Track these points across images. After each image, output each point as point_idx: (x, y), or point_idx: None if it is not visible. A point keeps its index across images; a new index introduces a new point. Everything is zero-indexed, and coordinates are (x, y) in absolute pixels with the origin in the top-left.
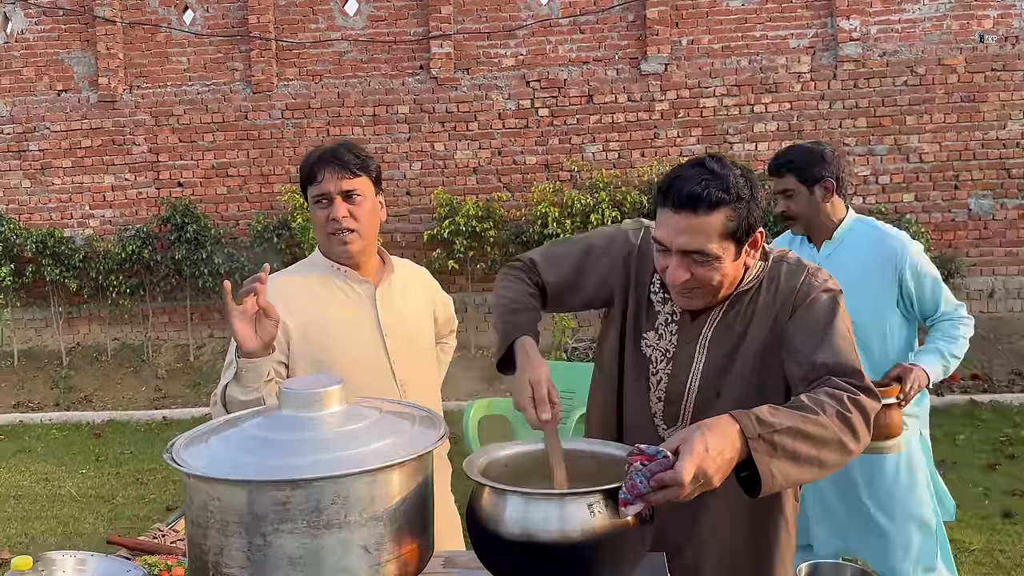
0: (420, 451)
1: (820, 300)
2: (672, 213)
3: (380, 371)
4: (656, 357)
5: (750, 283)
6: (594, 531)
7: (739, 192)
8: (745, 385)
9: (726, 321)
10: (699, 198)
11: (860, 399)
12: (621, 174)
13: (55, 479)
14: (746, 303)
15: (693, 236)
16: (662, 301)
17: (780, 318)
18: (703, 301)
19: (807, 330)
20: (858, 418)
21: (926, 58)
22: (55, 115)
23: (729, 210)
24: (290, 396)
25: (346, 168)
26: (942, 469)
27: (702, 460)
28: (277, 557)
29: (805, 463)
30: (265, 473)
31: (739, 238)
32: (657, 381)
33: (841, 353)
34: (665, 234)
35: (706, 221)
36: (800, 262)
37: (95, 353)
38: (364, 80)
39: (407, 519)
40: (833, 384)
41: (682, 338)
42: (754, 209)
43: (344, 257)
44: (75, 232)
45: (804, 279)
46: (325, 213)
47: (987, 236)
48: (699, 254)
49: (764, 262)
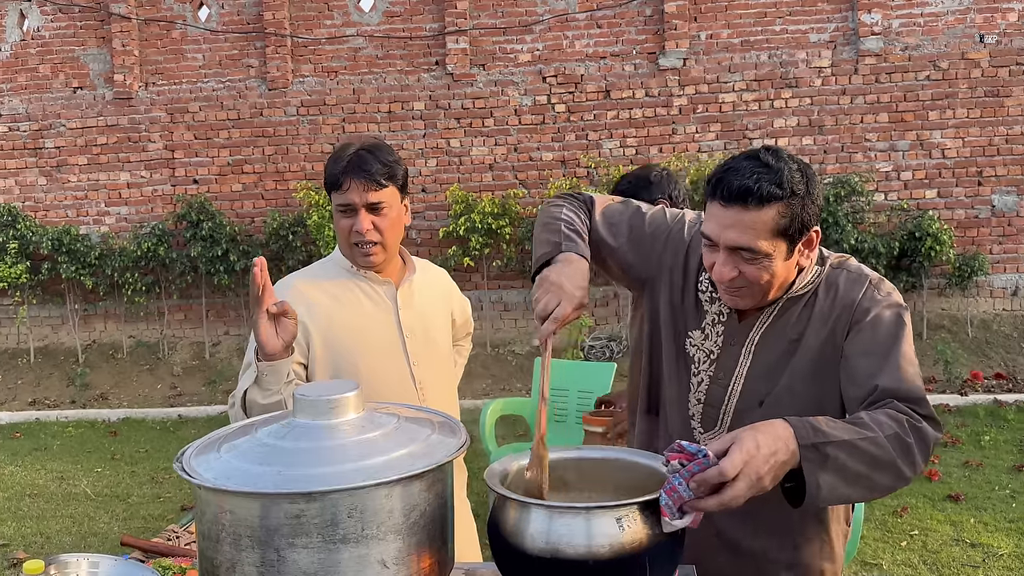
0: (440, 461)
1: (884, 317)
2: (721, 207)
3: (399, 372)
4: (700, 357)
5: (805, 288)
6: (623, 547)
7: (794, 187)
8: (793, 397)
9: (777, 326)
10: (750, 192)
11: (922, 427)
12: None
13: (70, 477)
14: (800, 309)
15: (742, 232)
16: (710, 300)
17: (838, 331)
18: (751, 301)
19: (869, 350)
20: (916, 445)
21: (949, 52)
22: (71, 112)
23: (782, 206)
24: (304, 403)
25: (373, 180)
26: (967, 471)
27: (752, 458)
28: (291, 572)
29: (855, 481)
30: (279, 485)
31: (791, 236)
32: (699, 382)
33: (905, 378)
34: (713, 229)
35: (756, 217)
36: (862, 270)
37: (111, 351)
38: (379, 76)
39: (427, 532)
40: (895, 407)
41: (728, 339)
42: (809, 206)
43: (365, 267)
44: (91, 229)
45: (866, 291)
46: (349, 223)
47: (1011, 233)
48: (748, 251)
49: (821, 266)
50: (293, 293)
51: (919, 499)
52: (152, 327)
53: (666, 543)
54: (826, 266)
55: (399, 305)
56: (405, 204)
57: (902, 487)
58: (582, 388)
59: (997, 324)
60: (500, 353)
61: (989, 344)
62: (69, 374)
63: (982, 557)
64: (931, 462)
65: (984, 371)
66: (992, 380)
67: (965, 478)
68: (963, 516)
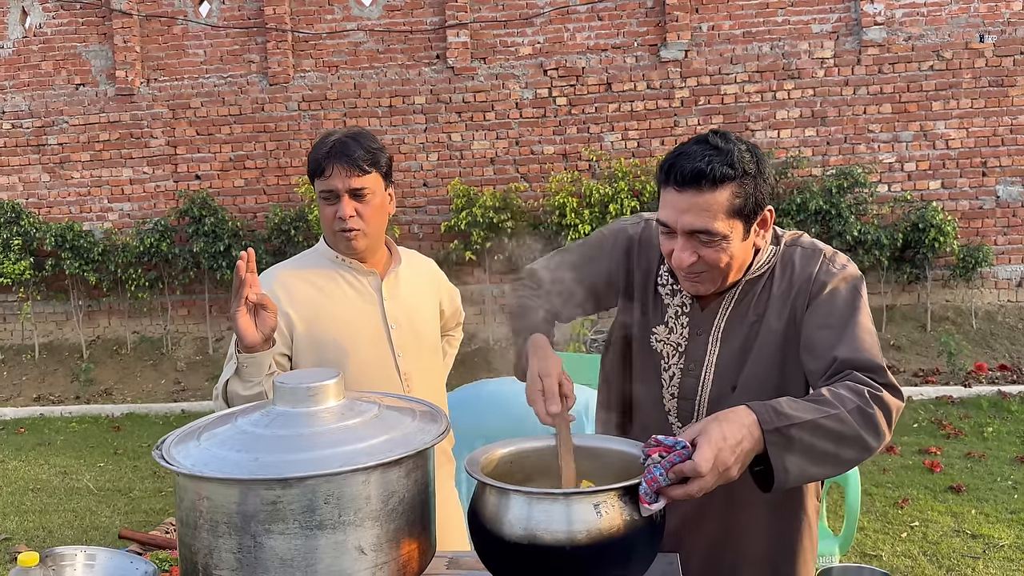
0: (418, 448)
1: (840, 290)
2: (676, 192)
3: (384, 363)
4: (667, 352)
5: (762, 268)
6: (600, 533)
7: (745, 167)
8: (762, 379)
9: (739, 310)
10: (703, 174)
11: (882, 396)
12: (640, 163)
13: (73, 472)
14: (759, 290)
15: (698, 215)
16: (670, 293)
17: (797, 307)
18: (711, 285)
19: (826, 323)
20: (879, 414)
21: (952, 42)
22: (73, 109)
23: (735, 186)
24: (284, 391)
25: (355, 165)
26: (969, 462)
27: (720, 450)
28: (268, 559)
29: (821, 459)
30: (255, 472)
31: (747, 216)
32: (670, 377)
33: (863, 348)
34: (669, 214)
35: (711, 199)
36: (815, 245)
37: (115, 346)
38: (380, 71)
39: (406, 519)
40: (855, 379)
41: (693, 330)
42: (761, 185)
43: (349, 254)
44: (94, 226)
45: (821, 265)
46: (332, 210)
47: (1016, 224)
48: (705, 234)
49: (776, 246)
50: (277, 284)
51: (920, 490)
52: (155, 322)
53: (644, 529)
54: (781, 244)
55: (384, 296)
56: (389, 192)
57: (869, 457)
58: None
59: (1002, 315)
60: (502, 347)
61: (993, 335)
62: (73, 370)
63: (982, 548)
64: (932, 453)
65: (988, 362)
66: (996, 372)
67: (967, 469)
68: (964, 507)
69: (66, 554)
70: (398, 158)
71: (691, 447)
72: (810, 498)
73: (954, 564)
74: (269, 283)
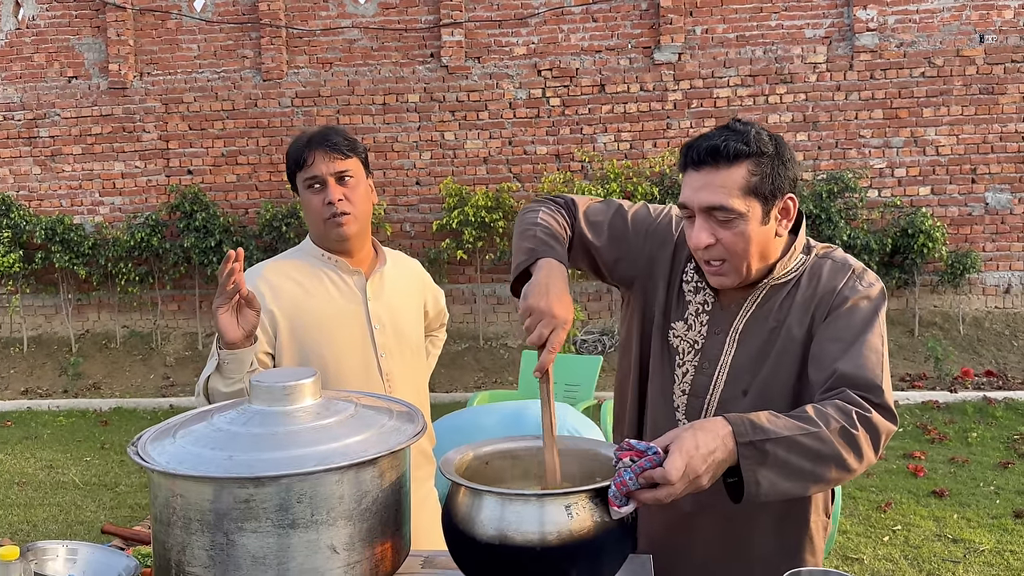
0: (393, 448)
1: (859, 307)
2: (693, 172)
3: (366, 363)
4: (684, 348)
5: (788, 276)
6: (571, 534)
7: (761, 147)
8: (777, 385)
9: (759, 314)
10: (717, 151)
11: (871, 417)
12: (633, 165)
13: (59, 466)
14: (783, 297)
15: (714, 192)
16: (694, 290)
17: (816, 318)
18: (735, 276)
19: (838, 336)
20: (864, 436)
21: (944, 49)
22: (65, 102)
23: (751, 163)
24: (260, 390)
25: (337, 149)
26: (953, 467)
27: (691, 458)
28: (240, 556)
29: (796, 475)
30: (228, 470)
31: (764, 197)
32: (683, 373)
33: (864, 365)
34: (687, 195)
35: (727, 175)
36: (846, 260)
37: (104, 340)
38: (374, 68)
39: (380, 519)
40: (846, 397)
41: (712, 329)
42: (780, 169)
43: (340, 241)
44: (85, 219)
45: (847, 281)
46: (319, 198)
47: (1004, 231)
48: (721, 210)
49: (806, 255)
50: (262, 281)
51: (903, 494)
52: (145, 317)
53: (615, 532)
54: (811, 255)
55: (369, 296)
56: (370, 183)
57: (850, 479)
58: (569, 381)
59: (989, 322)
60: (492, 346)
61: (980, 342)
62: (62, 363)
63: (963, 552)
64: (917, 457)
65: (975, 368)
66: (983, 377)
67: (951, 474)
68: (946, 512)
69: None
70: (391, 156)
71: (662, 453)
72: (816, 513)
73: (935, 568)
74: (254, 280)
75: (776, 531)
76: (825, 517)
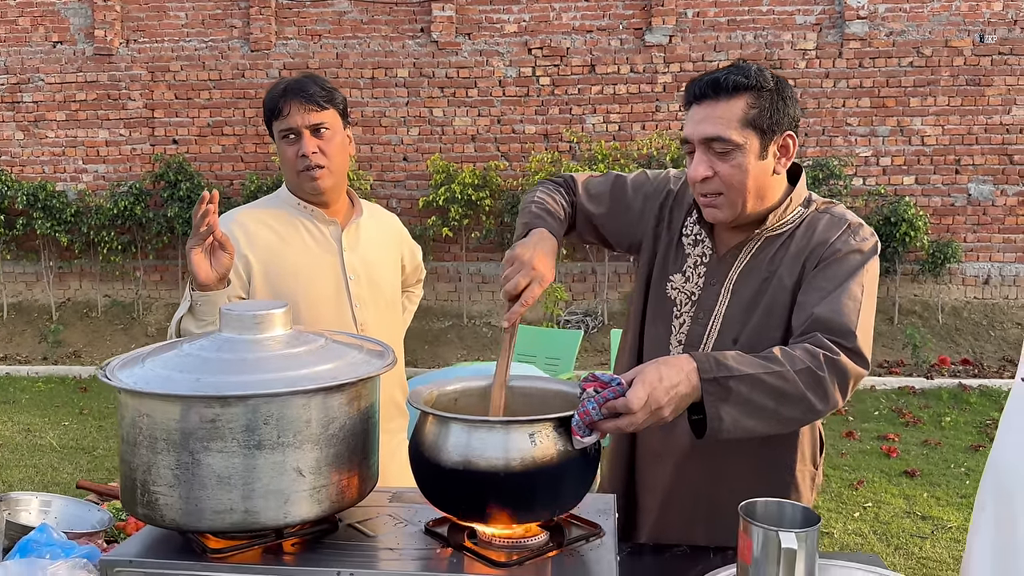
0: (362, 376)
1: (848, 259)
2: (695, 106)
3: (340, 312)
4: (681, 300)
5: (785, 227)
6: (534, 461)
7: (761, 81)
8: (765, 334)
9: (754, 264)
10: (718, 83)
11: (839, 359)
12: (621, 147)
13: (37, 430)
14: (777, 247)
15: (713, 123)
16: (693, 243)
17: (807, 268)
18: (730, 211)
19: (822, 285)
20: (831, 379)
21: (933, 39)
22: (50, 67)
23: (751, 96)
24: (231, 318)
25: (313, 101)
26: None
27: (653, 388)
28: (205, 476)
29: (758, 413)
30: (195, 389)
31: (763, 130)
32: (680, 324)
33: (840, 311)
34: (688, 128)
35: (727, 107)
36: (844, 215)
37: (85, 309)
38: (364, 41)
39: (346, 445)
40: (816, 340)
41: (708, 280)
42: (780, 104)
43: (314, 194)
44: (67, 186)
45: (841, 235)
46: (294, 149)
47: (985, 222)
48: (719, 141)
49: (805, 208)
50: (237, 226)
51: (876, 474)
52: (127, 287)
53: (578, 461)
54: (811, 208)
55: (344, 246)
56: (348, 134)
57: (816, 419)
58: (549, 355)
59: (967, 311)
60: (476, 325)
61: (958, 331)
62: (42, 331)
63: (931, 529)
64: (891, 439)
65: (952, 356)
66: (959, 365)
67: (923, 456)
68: (917, 491)
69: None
70: (378, 131)
71: (626, 384)
72: (803, 462)
73: (902, 543)
74: (228, 225)
75: (759, 478)
76: (812, 467)
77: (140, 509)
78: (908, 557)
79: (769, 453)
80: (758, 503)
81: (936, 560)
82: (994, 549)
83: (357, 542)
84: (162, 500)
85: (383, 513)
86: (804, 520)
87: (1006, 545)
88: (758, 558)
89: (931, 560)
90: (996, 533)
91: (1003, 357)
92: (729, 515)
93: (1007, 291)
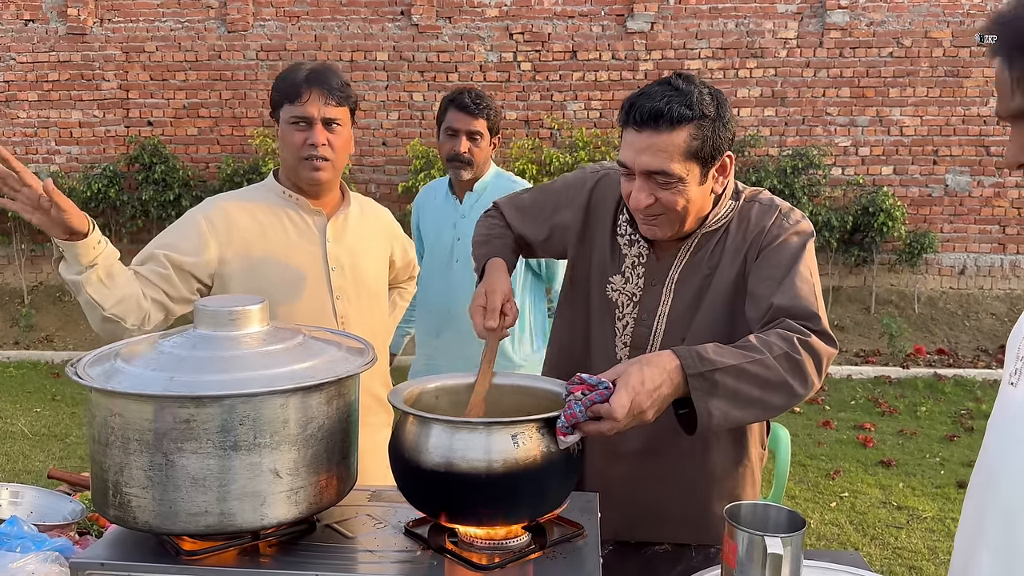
0: (341, 375)
1: (788, 243)
2: (635, 132)
3: (320, 304)
4: (622, 301)
5: (720, 222)
6: (517, 462)
7: (704, 109)
8: (712, 331)
9: (693, 262)
10: (660, 114)
11: (811, 342)
12: (602, 134)
13: (7, 416)
14: (715, 243)
15: (655, 155)
16: (628, 243)
17: (748, 259)
18: (669, 230)
19: (770, 274)
20: (808, 361)
21: (913, 30)
22: (21, 46)
23: (693, 127)
24: (205, 314)
25: (333, 95)
26: (901, 439)
27: (636, 394)
28: (179, 477)
29: (746, 404)
30: (169, 389)
31: (704, 159)
32: (624, 326)
33: (799, 296)
34: (628, 155)
35: (668, 139)
36: (773, 201)
37: (58, 293)
38: (343, 23)
39: (324, 446)
40: (786, 325)
41: (649, 280)
42: (720, 130)
43: (311, 184)
44: (40, 168)
45: (775, 220)
46: (303, 136)
47: (962, 213)
48: (662, 175)
49: (736, 201)
50: (217, 212)
51: (852, 463)
52: None
53: (560, 462)
54: (740, 200)
55: (328, 237)
56: (352, 132)
57: (797, 403)
58: None
59: (943, 302)
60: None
61: (934, 320)
62: (13, 315)
63: (906, 519)
64: (867, 428)
65: (927, 346)
66: (934, 355)
67: (899, 446)
68: (893, 481)
69: None
70: (357, 115)
71: (612, 387)
72: (754, 445)
73: (878, 532)
74: (208, 210)
75: (714, 460)
76: (761, 448)
77: (112, 511)
78: (884, 547)
79: (724, 445)
80: (743, 506)
81: (911, 550)
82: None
83: (335, 544)
84: (135, 502)
85: (362, 513)
86: (789, 524)
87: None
88: (743, 562)
89: (906, 550)
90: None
91: (978, 347)
92: (682, 512)
93: (982, 281)
